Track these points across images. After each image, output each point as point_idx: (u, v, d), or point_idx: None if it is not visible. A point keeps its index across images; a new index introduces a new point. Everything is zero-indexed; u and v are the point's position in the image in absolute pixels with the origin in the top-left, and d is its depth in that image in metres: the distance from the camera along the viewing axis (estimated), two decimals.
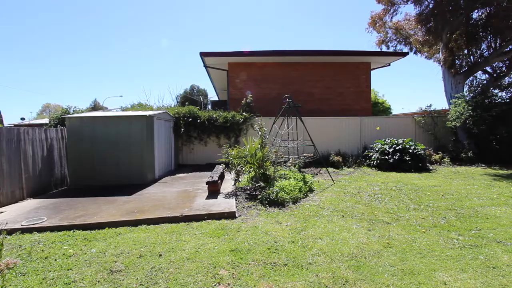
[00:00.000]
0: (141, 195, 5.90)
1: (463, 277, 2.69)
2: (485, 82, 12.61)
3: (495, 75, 12.60)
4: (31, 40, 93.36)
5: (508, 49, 11.10)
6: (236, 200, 5.36)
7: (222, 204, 4.98)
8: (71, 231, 3.94)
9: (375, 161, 9.31)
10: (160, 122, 8.39)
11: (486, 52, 11.83)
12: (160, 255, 3.17)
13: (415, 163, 8.72)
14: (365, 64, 13.34)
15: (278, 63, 12.84)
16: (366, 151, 10.21)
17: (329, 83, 13.06)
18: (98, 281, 2.68)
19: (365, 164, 9.81)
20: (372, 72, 13.83)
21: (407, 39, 13.53)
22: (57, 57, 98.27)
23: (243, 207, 4.99)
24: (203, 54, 11.53)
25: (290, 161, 7.32)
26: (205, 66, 12.96)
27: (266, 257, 3.10)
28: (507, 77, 12.59)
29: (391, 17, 13.18)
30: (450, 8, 10.38)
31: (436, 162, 9.95)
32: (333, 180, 7.32)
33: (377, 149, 9.56)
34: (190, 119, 10.09)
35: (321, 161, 8.75)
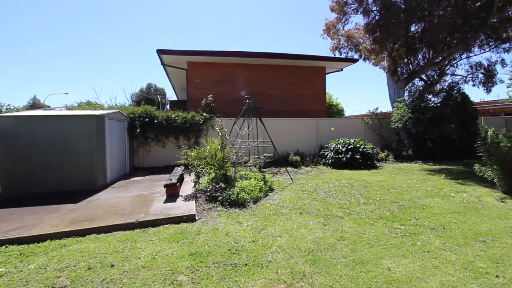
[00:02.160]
0: (91, 201, 5.42)
1: (404, 262, 3.01)
2: (421, 88, 14.30)
3: (429, 82, 14.40)
4: None
5: (438, 60, 12.75)
6: (196, 202, 5.25)
7: (181, 207, 4.83)
8: (3, 246, 3.45)
9: (330, 160, 9.90)
10: (112, 122, 7.80)
11: (422, 62, 13.43)
12: (112, 266, 2.96)
13: (364, 161, 9.49)
14: (321, 68, 14.14)
15: (239, 64, 12.90)
16: (322, 150, 10.79)
17: (288, 85, 13.53)
18: None
19: (321, 163, 10.36)
20: (327, 76, 14.71)
21: (357, 47, 14.67)
22: None
23: (204, 209, 4.90)
24: (161, 52, 11.05)
25: (251, 162, 7.40)
26: (162, 64, 12.43)
27: (227, 258, 3.09)
28: (438, 84, 14.47)
29: (343, 26, 14.17)
30: (393, 20, 11.52)
31: (382, 160, 10.94)
32: (292, 179, 7.59)
33: (331, 149, 10.17)
34: (147, 119, 9.57)
35: (280, 161, 9.01)
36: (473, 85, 14.06)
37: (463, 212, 4.68)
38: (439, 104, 11.49)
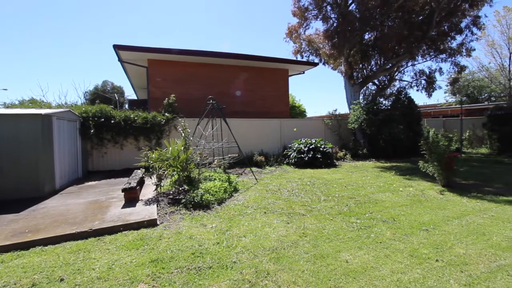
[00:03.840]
0: (36, 210, 4.88)
1: (360, 253, 3.23)
2: (374, 92, 15.49)
3: (380, 86, 15.65)
4: None
5: (388, 66, 13.94)
6: (158, 206, 5.03)
7: (142, 212, 4.59)
8: None
9: (293, 160, 10.22)
10: (62, 122, 7.12)
11: (375, 68, 14.55)
12: (62, 280, 2.70)
13: (325, 160, 9.98)
14: (284, 71, 14.54)
15: (203, 64, 12.68)
16: (286, 150, 11.10)
17: (252, 86, 13.66)
18: None
19: (285, 162, 10.65)
20: (290, 78, 15.17)
21: (318, 51, 15.37)
22: None
23: (166, 213, 4.72)
24: (118, 48, 10.37)
25: (215, 163, 7.32)
26: (120, 60, 11.67)
27: (190, 262, 3.02)
28: (388, 89, 15.82)
29: (305, 30, 14.74)
30: (349, 28, 12.30)
31: (341, 158, 11.62)
32: (256, 179, 7.68)
33: (294, 149, 10.51)
34: (102, 119, 8.89)
35: (245, 161, 9.06)
36: (417, 90, 15.63)
37: (410, 204, 5.19)
38: (389, 107, 12.58)
